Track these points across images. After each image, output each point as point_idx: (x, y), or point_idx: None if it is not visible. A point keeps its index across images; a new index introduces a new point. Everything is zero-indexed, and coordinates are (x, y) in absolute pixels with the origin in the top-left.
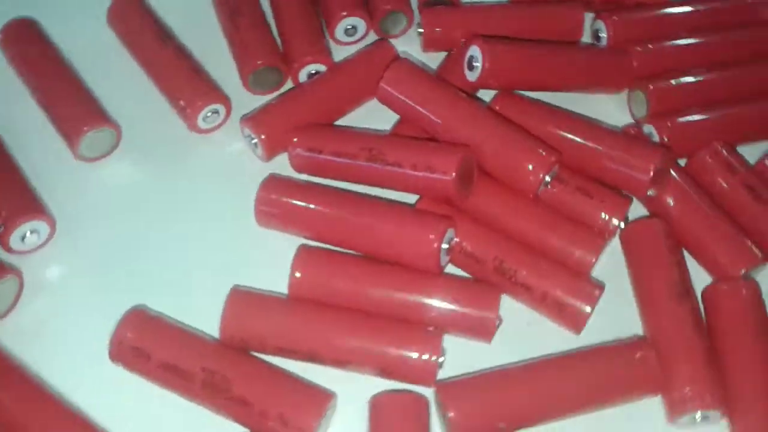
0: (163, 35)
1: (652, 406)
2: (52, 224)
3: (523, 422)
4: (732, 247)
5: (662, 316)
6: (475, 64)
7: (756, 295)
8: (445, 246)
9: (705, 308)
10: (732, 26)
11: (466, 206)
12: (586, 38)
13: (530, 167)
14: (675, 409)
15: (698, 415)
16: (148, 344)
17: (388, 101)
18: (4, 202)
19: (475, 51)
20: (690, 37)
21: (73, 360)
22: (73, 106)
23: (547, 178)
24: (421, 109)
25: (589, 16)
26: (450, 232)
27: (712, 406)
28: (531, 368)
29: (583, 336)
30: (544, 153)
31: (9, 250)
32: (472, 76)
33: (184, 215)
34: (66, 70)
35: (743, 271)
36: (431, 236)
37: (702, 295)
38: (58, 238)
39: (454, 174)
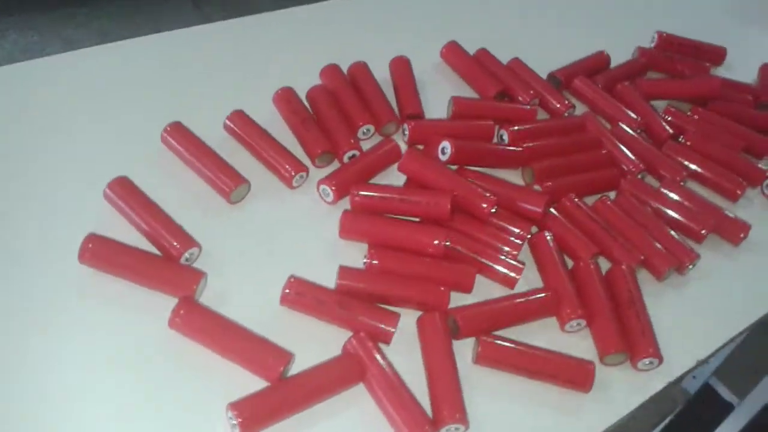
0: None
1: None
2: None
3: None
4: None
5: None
6: (446, 151)
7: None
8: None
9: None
10: (571, 133)
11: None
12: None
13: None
14: (563, 321)
15: (575, 323)
16: None
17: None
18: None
19: (446, 144)
20: (554, 139)
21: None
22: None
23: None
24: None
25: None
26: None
27: (581, 316)
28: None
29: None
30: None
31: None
32: (443, 158)
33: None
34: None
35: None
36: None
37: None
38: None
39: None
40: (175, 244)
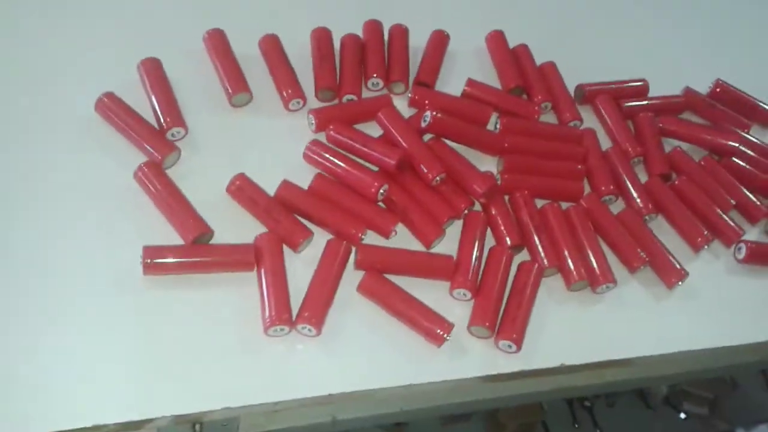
0: None
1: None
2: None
3: None
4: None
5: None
6: (426, 119)
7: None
8: None
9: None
10: (564, 142)
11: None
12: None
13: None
14: (452, 286)
15: (462, 291)
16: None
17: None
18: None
19: (427, 113)
20: (540, 140)
21: None
22: None
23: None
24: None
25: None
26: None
27: (469, 288)
28: None
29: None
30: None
31: None
32: (423, 125)
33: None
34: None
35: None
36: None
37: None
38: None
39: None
40: (167, 119)
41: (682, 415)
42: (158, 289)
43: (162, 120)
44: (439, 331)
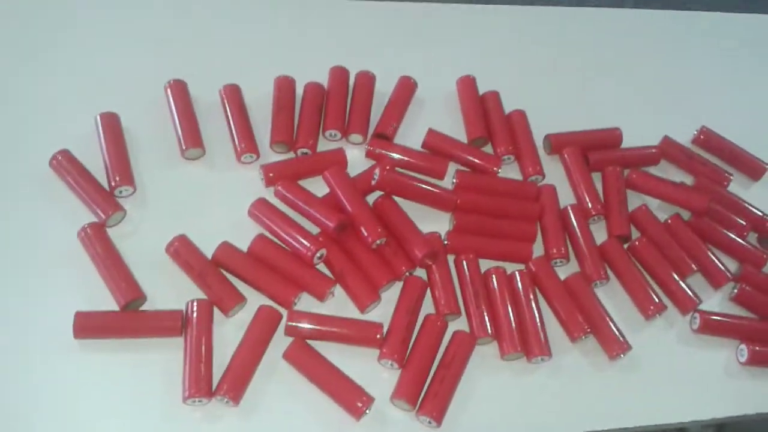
0: None
1: None
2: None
3: None
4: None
5: None
6: (375, 176)
7: None
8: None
9: None
10: (521, 198)
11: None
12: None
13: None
14: (380, 356)
15: (389, 362)
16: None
17: None
18: None
19: (377, 170)
20: (495, 198)
21: None
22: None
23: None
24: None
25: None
26: None
27: (396, 360)
28: None
29: None
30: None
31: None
32: (373, 182)
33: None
34: None
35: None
36: None
37: None
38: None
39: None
40: (117, 177)
41: None
42: (89, 351)
43: (111, 178)
44: (358, 404)
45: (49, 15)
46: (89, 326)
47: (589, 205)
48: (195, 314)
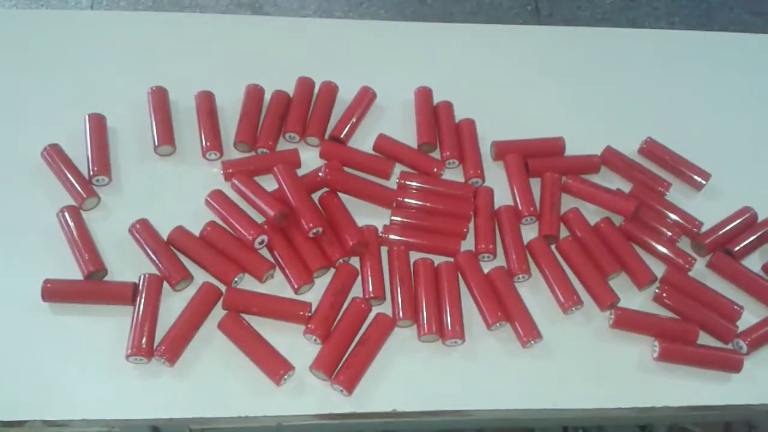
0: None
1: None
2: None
3: None
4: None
5: None
6: (321, 173)
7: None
8: None
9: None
10: (457, 199)
11: None
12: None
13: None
14: (305, 331)
15: (312, 337)
16: None
17: None
18: None
19: (324, 167)
20: (432, 197)
21: None
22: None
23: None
24: None
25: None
26: None
27: (317, 334)
28: None
29: None
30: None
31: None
32: (320, 175)
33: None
34: None
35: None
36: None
37: None
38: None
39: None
40: (95, 168)
41: None
42: (54, 313)
43: (90, 169)
44: (281, 371)
45: (58, 34)
46: (55, 291)
47: (522, 206)
48: (145, 286)
